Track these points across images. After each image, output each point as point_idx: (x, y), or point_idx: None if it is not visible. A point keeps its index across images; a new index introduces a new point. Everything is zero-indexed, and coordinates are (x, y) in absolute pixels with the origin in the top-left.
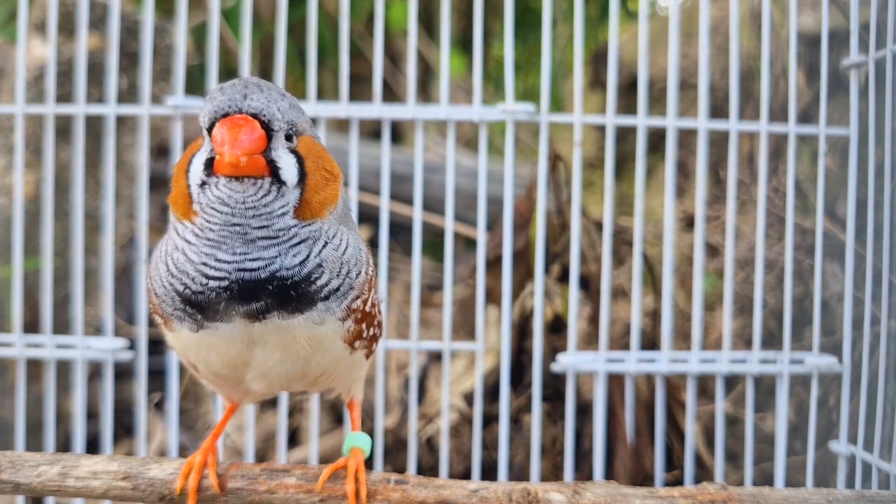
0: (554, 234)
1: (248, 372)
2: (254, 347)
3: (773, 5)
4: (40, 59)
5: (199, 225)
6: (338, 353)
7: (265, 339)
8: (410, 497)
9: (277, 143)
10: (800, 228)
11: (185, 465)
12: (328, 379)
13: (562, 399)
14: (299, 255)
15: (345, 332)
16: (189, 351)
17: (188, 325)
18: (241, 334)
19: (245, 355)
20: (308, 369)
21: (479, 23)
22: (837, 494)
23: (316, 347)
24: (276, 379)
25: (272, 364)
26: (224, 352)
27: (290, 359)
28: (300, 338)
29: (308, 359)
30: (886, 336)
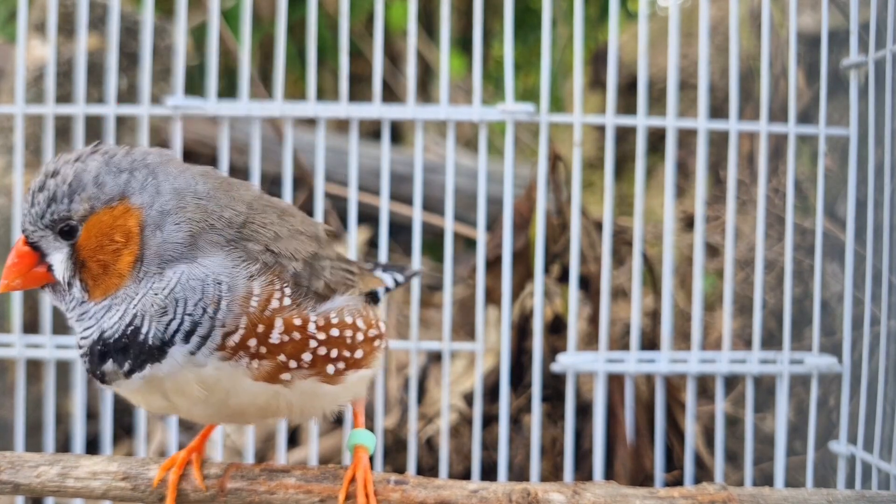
0: (554, 235)
1: (180, 413)
2: (159, 393)
3: (772, 5)
4: (40, 60)
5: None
6: (258, 391)
7: (161, 387)
8: (410, 497)
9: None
10: (800, 228)
11: (167, 460)
12: (283, 413)
13: (562, 399)
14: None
15: (246, 370)
16: (129, 399)
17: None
18: (139, 386)
19: (163, 401)
20: (231, 409)
21: (478, 23)
22: (837, 495)
23: (213, 389)
24: (211, 417)
25: (188, 407)
26: (147, 401)
27: (199, 402)
28: (190, 381)
29: (220, 400)
30: (886, 336)
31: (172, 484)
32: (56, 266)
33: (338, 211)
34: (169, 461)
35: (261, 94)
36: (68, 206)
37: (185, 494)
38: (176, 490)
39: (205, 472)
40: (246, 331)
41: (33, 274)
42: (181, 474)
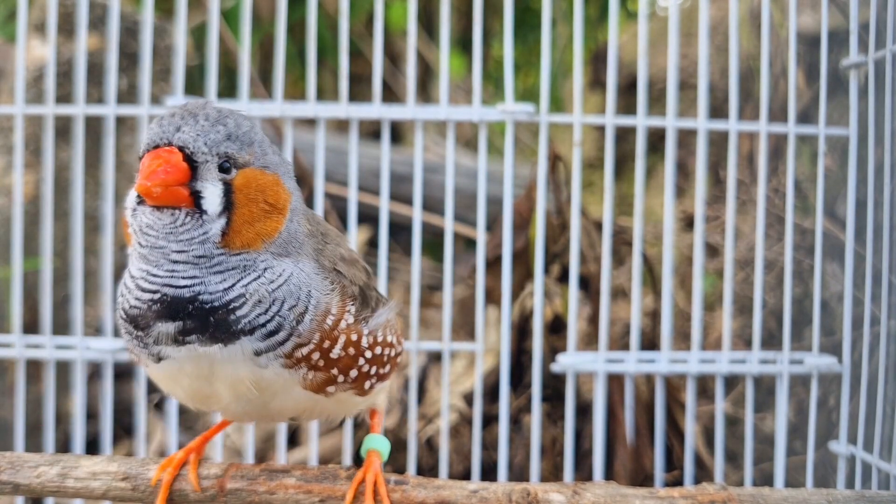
0: (554, 235)
1: (215, 405)
2: (211, 383)
3: (772, 5)
4: (40, 60)
5: (135, 247)
6: (302, 398)
7: (215, 374)
8: (410, 497)
9: (205, 174)
10: (799, 228)
11: (165, 460)
12: (311, 416)
13: (561, 399)
14: (224, 282)
15: (300, 379)
16: (160, 383)
17: (148, 357)
18: (195, 369)
19: (205, 390)
20: (270, 411)
21: (478, 23)
22: (837, 495)
23: (265, 391)
24: (242, 414)
25: (227, 402)
26: (187, 385)
27: (243, 399)
28: (244, 379)
29: (264, 402)
30: (886, 336)
31: (165, 484)
32: (208, 197)
33: (338, 211)
34: (166, 461)
35: (261, 94)
36: (239, 148)
37: (185, 494)
38: (168, 490)
39: (205, 473)
40: (315, 345)
41: (177, 191)
42: (176, 475)
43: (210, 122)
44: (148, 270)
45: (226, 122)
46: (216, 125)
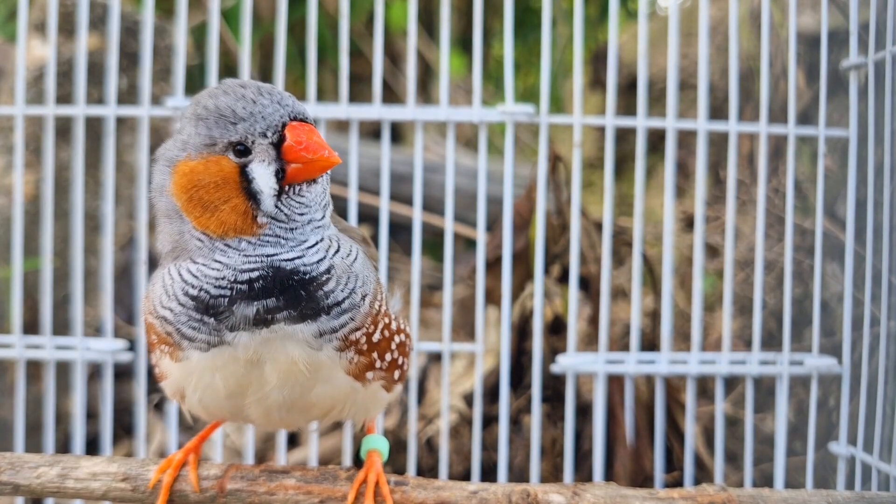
0: (554, 235)
1: (245, 399)
2: (257, 367)
3: (772, 5)
4: (40, 60)
5: (266, 233)
6: (343, 385)
7: (268, 357)
8: (410, 498)
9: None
10: (799, 229)
11: (164, 461)
12: (339, 413)
13: (561, 400)
14: (317, 254)
15: (347, 364)
16: (191, 377)
17: (198, 345)
18: (246, 353)
19: (247, 378)
20: (310, 399)
21: (478, 23)
22: (837, 496)
23: (315, 374)
24: (273, 408)
25: (270, 388)
26: (230, 373)
27: (289, 384)
28: (299, 360)
29: (307, 387)
30: (886, 337)
31: (165, 486)
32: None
33: (338, 211)
34: (165, 462)
35: None
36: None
37: (185, 495)
38: (169, 492)
39: (205, 473)
40: (366, 328)
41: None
42: (176, 476)
43: (291, 95)
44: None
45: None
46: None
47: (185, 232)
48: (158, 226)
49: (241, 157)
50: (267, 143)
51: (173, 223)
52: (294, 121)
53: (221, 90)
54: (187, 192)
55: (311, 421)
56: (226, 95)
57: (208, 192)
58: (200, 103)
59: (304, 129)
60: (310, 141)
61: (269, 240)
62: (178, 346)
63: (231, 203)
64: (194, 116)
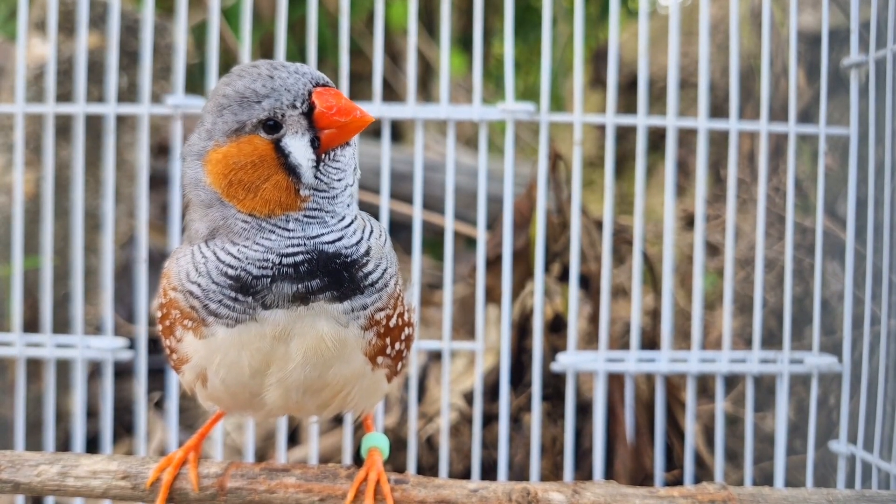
0: (554, 233)
1: (267, 378)
2: (283, 343)
3: (773, 4)
4: (40, 58)
5: (310, 206)
6: (358, 366)
7: (296, 332)
8: (410, 496)
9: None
10: (800, 227)
11: (163, 459)
12: (345, 398)
13: (562, 398)
14: (355, 235)
15: (366, 344)
16: (215, 355)
17: (226, 321)
18: (275, 330)
19: (272, 355)
20: (326, 379)
21: (479, 21)
22: (837, 494)
23: (339, 351)
24: (293, 388)
25: (294, 366)
26: (256, 349)
27: (312, 361)
28: (326, 337)
29: (328, 364)
30: (886, 335)
31: (165, 484)
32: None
33: None
34: (165, 461)
35: None
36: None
37: (186, 493)
38: (168, 490)
39: (205, 472)
40: (388, 310)
41: None
42: (176, 474)
43: (305, 65)
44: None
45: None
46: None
47: (230, 217)
48: (193, 214)
49: (273, 132)
50: (297, 113)
51: (215, 210)
52: (317, 87)
53: (236, 75)
54: (226, 177)
55: (320, 407)
56: (241, 78)
57: (247, 173)
58: (218, 92)
59: (331, 93)
60: (340, 104)
61: (313, 215)
62: (203, 321)
63: (272, 181)
64: (216, 107)
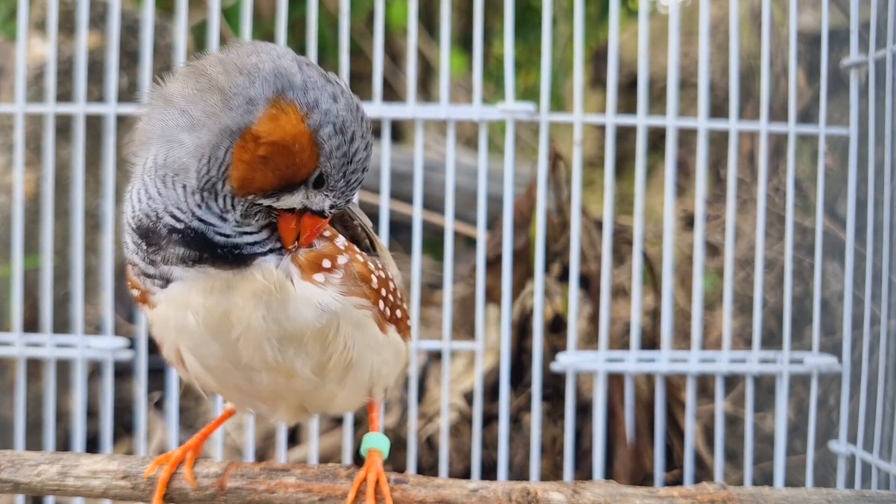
0: (554, 233)
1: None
2: (223, 294)
3: (773, 4)
4: (40, 58)
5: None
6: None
7: (232, 282)
8: (410, 496)
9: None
10: (800, 227)
11: (161, 456)
12: (344, 350)
13: (562, 398)
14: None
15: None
16: (169, 323)
17: (157, 282)
18: (204, 283)
19: (218, 307)
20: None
21: (479, 21)
22: (837, 494)
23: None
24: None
25: (247, 312)
26: (199, 305)
27: (262, 301)
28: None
29: (281, 304)
30: (886, 336)
31: (161, 482)
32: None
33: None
34: (163, 457)
35: None
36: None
37: (185, 493)
38: (165, 488)
39: (205, 471)
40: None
41: None
42: (173, 472)
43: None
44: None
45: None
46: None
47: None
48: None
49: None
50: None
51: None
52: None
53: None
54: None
55: (319, 368)
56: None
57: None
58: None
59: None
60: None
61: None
62: (145, 287)
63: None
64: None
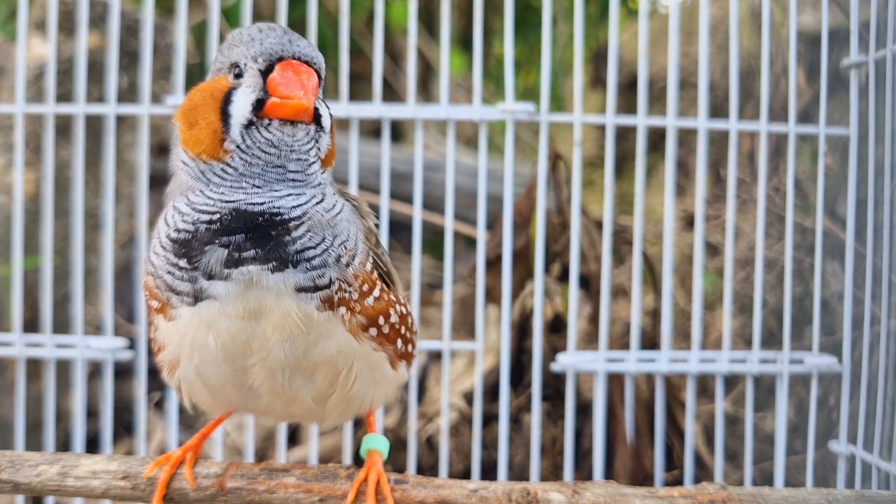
0: (554, 234)
1: (245, 361)
2: (252, 322)
3: (773, 4)
4: (40, 58)
5: (232, 163)
6: (342, 341)
7: (265, 310)
8: (410, 497)
9: (319, 91)
10: (800, 227)
11: (161, 457)
12: (344, 383)
13: (562, 399)
14: (289, 200)
15: (338, 319)
16: (185, 339)
17: (186, 300)
18: (236, 308)
19: (242, 335)
20: (313, 356)
21: (479, 21)
22: (837, 494)
23: (310, 327)
24: (276, 369)
25: (271, 345)
26: (223, 329)
27: (288, 338)
28: (292, 312)
29: (309, 342)
30: (886, 336)
31: (162, 483)
32: (324, 114)
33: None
34: (163, 458)
35: None
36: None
37: (185, 493)
38: (165, 489)
39: (205, 472)
40: (354, 287)
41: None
42: (173, 473)
43: (309, 43)
44: (221, 194)
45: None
46: (314, 48)
47: (175, 156)
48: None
49: (237, 79)
50: (255, 68)
51: (173, 157)
52: (295, 59)
53: (248, 26)
54: (185, 113)
55: (319, 397)
56: (249, 28)
57: (197, 109)
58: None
59: (299, 69)
60: (292, 79)
61: (236, 181)
62: (168, 302)
63: (207, 119)
64: (223, 46)
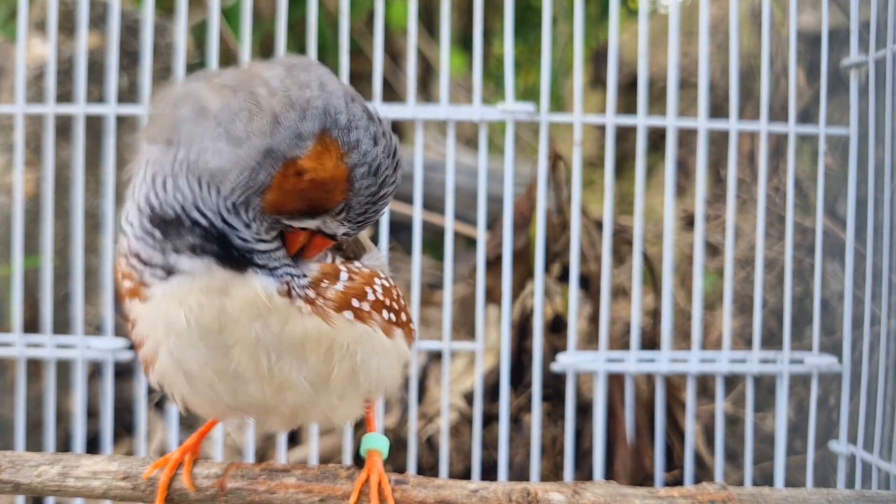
0: (554, 234)
1: (222, 337)
2: (219, 298)
3: (773, 4)
4: (40, 58)
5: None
6: (310, 324)
7: (226, 288)
8: (410, 497)
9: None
10: (800, 227)
11: (160, 459)
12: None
13: (562, 399)
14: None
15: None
16: (159, 319)
17: (157, 273)
18: (203, 282)
19: (213, 307)
20: (288, 334)
21: (479, 21)
22: (837, 494)
23: (275, 307)
24: (259, 351)
25: (242, 323)
26: (194, 302)
27: (257, 315)
28: (256, 289)
29: (278, 319)
30: (886, 335)
31: (162, 485)
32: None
33: None
34: (162, 460)
35: None
36: None
37: (185, 494)
38: (166, 491)
39: (205, 472)
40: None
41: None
42: (173, 475)
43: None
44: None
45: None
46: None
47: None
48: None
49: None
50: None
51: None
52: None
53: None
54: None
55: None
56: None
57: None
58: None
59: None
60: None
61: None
62: (141, 279)
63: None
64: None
